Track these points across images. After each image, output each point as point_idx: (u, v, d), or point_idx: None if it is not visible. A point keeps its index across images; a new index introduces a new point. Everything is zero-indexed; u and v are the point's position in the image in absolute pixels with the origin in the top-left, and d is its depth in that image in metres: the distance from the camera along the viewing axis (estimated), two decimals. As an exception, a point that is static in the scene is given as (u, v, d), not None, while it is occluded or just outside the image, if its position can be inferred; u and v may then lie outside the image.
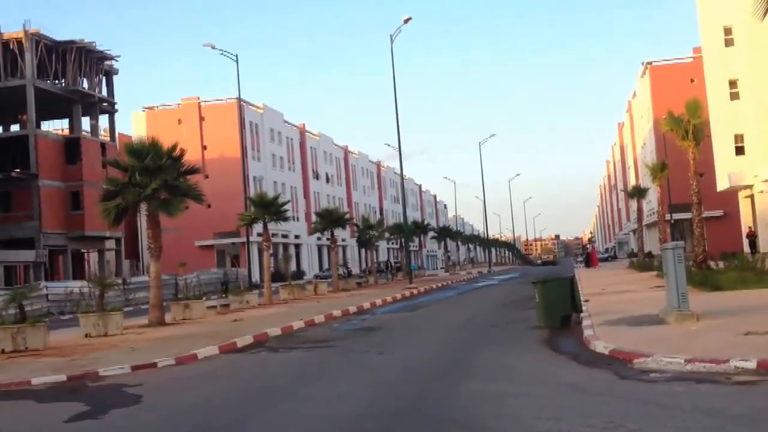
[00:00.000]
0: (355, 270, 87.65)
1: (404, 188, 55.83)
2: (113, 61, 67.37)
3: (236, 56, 50.14)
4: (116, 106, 68.42)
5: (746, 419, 7.87)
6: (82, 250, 64.93)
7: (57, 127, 70.19)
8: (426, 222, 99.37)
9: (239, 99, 58.11)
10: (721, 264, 33.65)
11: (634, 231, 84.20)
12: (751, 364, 10.24)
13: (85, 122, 65.61)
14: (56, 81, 61.86)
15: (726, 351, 11.12)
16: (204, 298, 32.65)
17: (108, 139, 67.14)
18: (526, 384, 11.03)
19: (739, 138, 51.88)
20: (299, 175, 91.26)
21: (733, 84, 51.81)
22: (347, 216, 56.28)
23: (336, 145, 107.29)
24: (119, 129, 70.89)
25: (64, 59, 60.75)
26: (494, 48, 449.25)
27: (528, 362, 13.12)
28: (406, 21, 47.01)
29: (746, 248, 50.61)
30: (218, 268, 67.08)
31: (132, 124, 78.99)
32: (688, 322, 14.61)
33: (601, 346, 13.28)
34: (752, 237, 43.28)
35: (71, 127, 64.26)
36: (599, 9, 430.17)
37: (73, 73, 61.15)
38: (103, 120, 68.40)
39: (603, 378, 10.97)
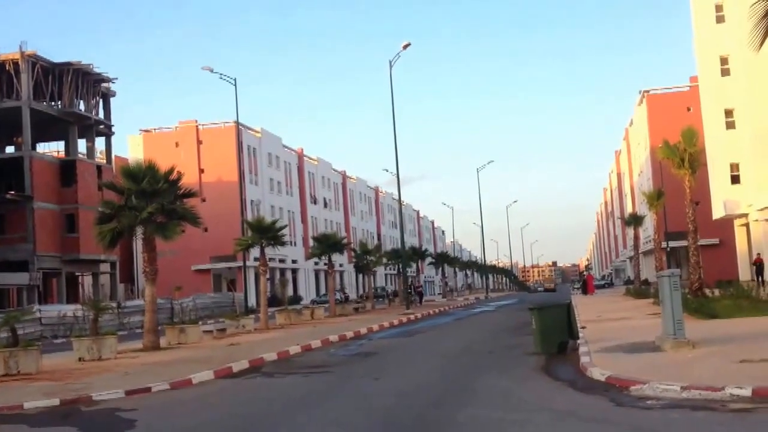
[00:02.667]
0: (353, 295, 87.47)
1: (402, 214, 55.87)
2: (110, 84, 67.38)
3: (235, 80, 50.47)
4: (113, 129, 68.36)
5: (742, 447, 7.86)
6: (77, 273, 64.68)
7: (53, 149, 70.22)
8: (424, 248, 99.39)
9: (237, 123, 58.35)
10: (716, 292, 33.73)
11: (630, 258, 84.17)
12: (747, 392, 10.25)
13: (81, 144, 65.58)
14: (52, 103, 61.87)
15: (721, 378, 11.12)
16: (200, 323, 32.54)
17: (104, 161, 67.03)
18: (523, 411, 11.00)
19: (734, 167, 52.11)
20: (297, 199, 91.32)
21: (729, 113, 52.14)
22: (345, 241, 56.25)
23: (334, 170, 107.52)
24: (116, 152, 70.72)
25: (61, 81, 60.87)
26: (494, 74, 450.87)
27: (525, 389, 13.08)
28: (405, 47, 47.31)
29: (750, 275, 50.68)
30: (215, 292, 66.96)
31: (129, 146, 79.01)
32: (684, 350, 14.61)
33: (597, 373, 13.26)
34: (759, 264, 42.53)
35: (67, 150, 64.23)
36: (599, 38, 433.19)
37: (70, 95, 61.25)
38: (100, 142, 68.35)
39: (599, 405, 10.95)
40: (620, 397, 11.27)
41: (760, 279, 40.46)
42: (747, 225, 52.61)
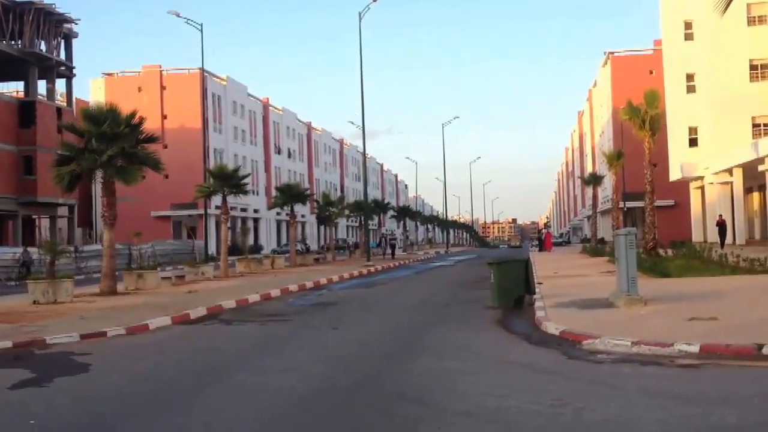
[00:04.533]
0: (314, 246, 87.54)
1: (366, 167, 55.82)
2: (73, 25, 65.77)
3: (201, 25, 49.73)
4: (74, 71, 66.89)
5: (688, 400, 8.11)
6: (34, 216, 63.75)
7: (11, 89, 68.62)
8: (386, 201, 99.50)
9: (202, 69, 57.43)
10: (670, 252, 34.39)
11: (588, 217, 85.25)
12: (694, 348, 10.54)
13: (41, 86, 64.08)
14: (12, 42, 60.30)
15: (671, 335, 11.41)
16: (158, 269, 32.41)
17: (64, 104, 65.65)
18: (478, 362, 11.21)
19: (693, 130, 52.89)
20: (261, 149, 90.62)
21: (690, 77, 52.72)
22: (308, 192, 56.11)
23: (299, 120, 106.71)
24: (77, 94, 69.31)
25: (22, 20, 59.19)
26: (463, 35, 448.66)
27: (481, 341, 13.30)
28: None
29: (702, 236, 51.62)
30: (174, 239, 66.57)
31: (90, 90, 77.63)
32: (637, 307, 14.93)
33: (552, 327, 13.53)
34: (722, 225, 42.42)
35: (26, 90, 62.70)
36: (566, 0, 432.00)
37: (31, 34, 59.65)
38: (60, 84, 66.90)
39: (552, 358, 11.19)
40: (573, 351, 11.52)
41: (722, 241, 40.72)
42: (702, 188, 53.59)
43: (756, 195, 47.82)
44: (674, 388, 8.78)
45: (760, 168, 39.43)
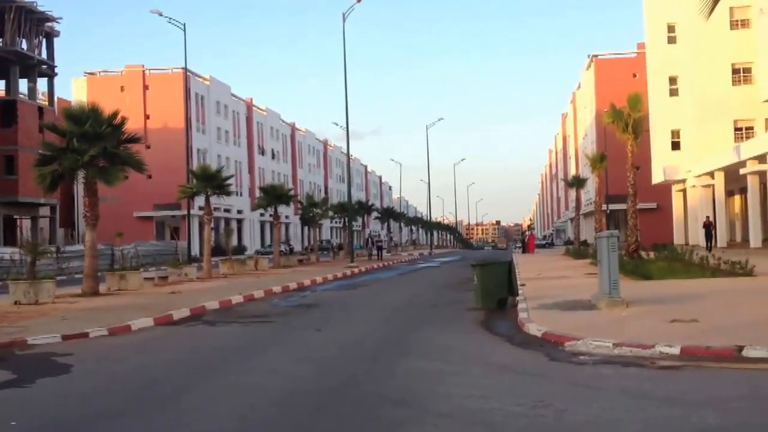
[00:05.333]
0: (298, 247, 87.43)
1: (350, 168, 55.77)
2: (55, 23, 65.34)
3: (184, 25, 49.44)
4: (56, 70, 66.42)
5: (669, 402, 8.16)
6: (15, 216, 63.23)
7: (-8, 88, 68.12)
8: (370, 202, 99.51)
9: (185, 69, 57.16)
10: (651, 254, 34.59)
11: (571, 219, 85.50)
12: (675, 350, 10.62)
13: (23, 85, 63.60)
14: (-7, 40, 59.91)
15: (652, 337, 11.48)
16: (141, 270, 32.25)
17: (46, 103, 65.24)
18: (461, 363, 11.22)
19: (675, 133, 53.24)
20: (244, 149, 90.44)
21: (673, 80, 53.07)
22: (291, 193, 56.01)
23: (283, 121, 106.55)
24: (58, 94, 68.89)
25: (2, 18, 58.59)
26: (449, 36, 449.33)
27: (464, 342, 13.33)
28: (359, 0, 46.91)
29: (684, 239, 51.93)
30: (157, 240, 66.29)
31: (72, 89, 77.20)
32: (618, 309, 15.01)
33: (534, 329, 13.58)
34: (709, 227, 41.88)
35: (7, 89, 62.15)
36: (551, 1, 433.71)
37: (12, 32, 59.12)
38: (42, 84, 66.48)
39: (535, 359, 11.23)
40: (555, 353, 11.56)
41: (709, 243, 40.37)
42: (684, 191, 53.94)
43: (737, 198, 48.21)
44: (655, 389, 8.83)
45: (742, 171, 39.75)
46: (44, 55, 64.85)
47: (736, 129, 47.23)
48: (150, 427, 8.11)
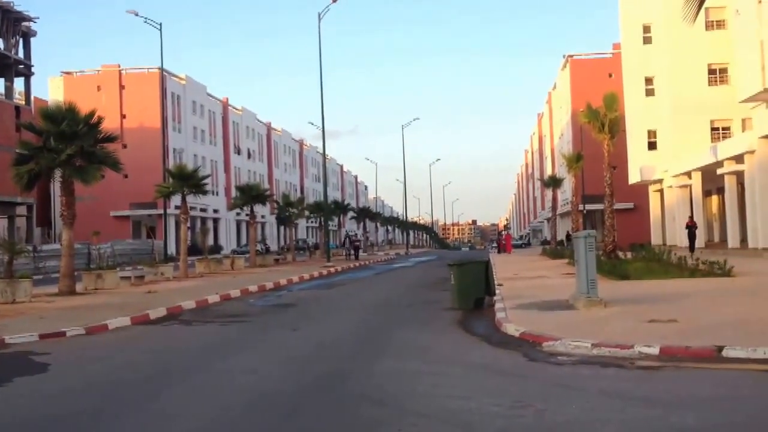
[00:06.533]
0: (274, 247, 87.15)
1: (326, 168, 55.65)
2: (32, 23, 64.84)
3: (160, 25, 49.13)
4: (33, 69, 65.97)
5: (647, 402, 8.18)
6: (-9, 215, 62.57)
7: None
8: (346, 202, 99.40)
9: (161, 69, 56.89)
10: (629, 254, 34.80)
11: (548, 219, 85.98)
12: (654, 350, 10.66)
13: (0, 84, 63.08)
14: (-31, 40, 59.20)
15: (631, 337, 11.52)
16: (117, 269, 32.02)
17: (23, 102, 64.68)
18: (439, 363, 11.20)
19: (652, 133, 53.54)
20: (220, 149, 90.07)
21: (649, 81, 53.36)
22: (268, 192, 55.80)
23: (259, 121, 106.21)
24: (35, 93, 68.41)
25: (-22, 17, 58.16)
26: (426, 36, 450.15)
27: (441, 342, 13.32)
28: (335, 0, 46.85)
29: (661, 239, 52.28)
30: (134, 239, 65.83)
31: (49, 88, 76.44)
32: (596, 309, 15.07)
33: (512, 329, 13.59)
34: (692, 227, 40.63)
35: (-17, 88, 61.70)
36: (527, 2, 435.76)
37: (-12, 33, 58.62)
38: (19, 83, 65.83)
39: (513, 359, 11.23)
40: (533, 353, 11.57)
41: (693, 244, 39.69)
42: (661, 191, 54.30)
43: (715, 198, 48.59)
44: (634, 389, 8.86)
45: (719, 171, 40.05)
46: (21, 54, 64.30)
47: (713, 129, 47.59)
48: (126, 427, 8.05)
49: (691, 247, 38.51)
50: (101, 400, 9.36)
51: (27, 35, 65.09)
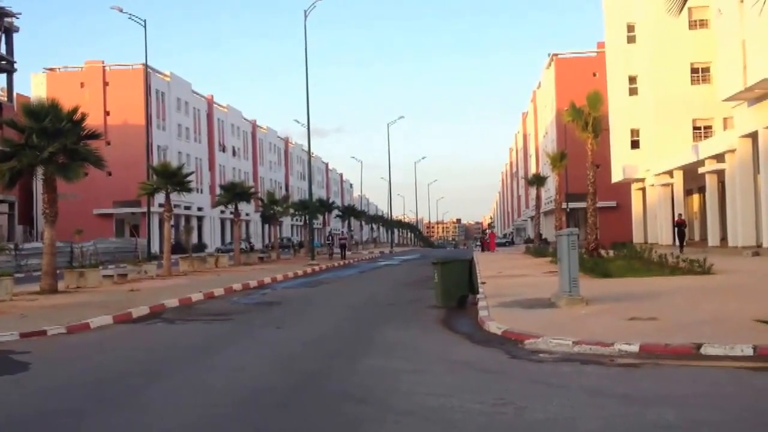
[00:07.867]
0: (258, 245, 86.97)
1: (311, 165, 55.60)
2: (14, 19, 64.46)
3: (144, 21, 48.88)
4: (15, 65, 65.49)
5: (627, 399, 8.26)
6: (-28, 213, 62.18)
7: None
8: (331, 200, 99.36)
9: (146, 65, 56.53)
10: (611, 252, 35.00)
11: (531, 218, 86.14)
12: (634, 348, 10.75)
13: (-19, 80, 62.74)
14: (-50, 35, 58.76)
15: (611, 335, 11.62)
16: (100, 267, 31.87)
17: (5, 98, 64.28)
18: (422, 361, 11.26)
19: (635, 132, 53.82)
20: (205, 146, 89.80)
21: (632, 80, 53.63)
22: (252, 190, 55.69)
23: (244, 118, 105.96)
24: (17, 89, 67.88)
25: (-40, 13, 57.74)
26: (411, 33, 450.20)
27: (425, 340, 13.37)
28: (320, -3, 46.86)
29: (643, 237, 52.60)
30: (117, 237, 65.56)
31: (31, 85, 75.90)
32: (578, 307, 15.17)
33: (494, 327, 13.67)
34: (681, 225, 39.99)
35: (-35, 84, 61.28)
36: (512, 1, 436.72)
37: (-30, 28, 58.19)
38: (1, 79, 65.60)
39: (495, 357, 11.30)
40: (515, 350, 11.65)
41: (682, 242, 39.18)
42: (643, 189, 54.63)
43: (696, 197, 48.92)
44: (614, 387, 8.95)
45: (701, 170, 40.33)
46: (3, 50, 63.90)
47: (695, 128, 47.91)
48: (109, 425, 8.03)
49: (681, 245, 38.34)
50: (83, 399, 9.33)
51: (9, 31, 64.66)
